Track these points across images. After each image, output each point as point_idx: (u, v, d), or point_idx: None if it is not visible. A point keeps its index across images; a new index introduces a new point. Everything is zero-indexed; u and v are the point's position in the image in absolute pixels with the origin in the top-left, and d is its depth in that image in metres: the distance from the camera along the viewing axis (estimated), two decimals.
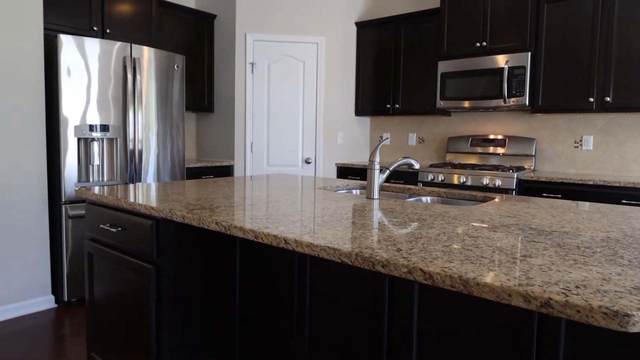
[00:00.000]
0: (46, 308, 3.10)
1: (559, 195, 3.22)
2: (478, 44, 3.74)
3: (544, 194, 3.29)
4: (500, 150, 3.96)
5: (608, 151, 3.56)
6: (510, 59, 3.57)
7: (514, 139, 3.92)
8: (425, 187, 2.32)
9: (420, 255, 1.00)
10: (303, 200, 1.83)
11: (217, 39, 4.54)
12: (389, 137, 2.08)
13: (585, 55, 3.33)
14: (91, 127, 3.17)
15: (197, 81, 4.44)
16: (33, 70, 2.98)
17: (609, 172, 3.57)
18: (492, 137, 4.03)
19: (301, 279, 1.63)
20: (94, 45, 3.15)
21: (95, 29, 3.49)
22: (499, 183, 3.42)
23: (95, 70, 3.17)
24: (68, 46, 3.04)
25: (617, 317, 0.70)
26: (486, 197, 2.06)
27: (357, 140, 4.84)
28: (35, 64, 2.99)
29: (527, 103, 3.51)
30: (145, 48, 3.43)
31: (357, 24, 4.62)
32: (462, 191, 2.19)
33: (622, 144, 3.50)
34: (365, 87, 4.63)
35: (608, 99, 3.24)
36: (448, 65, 3.89)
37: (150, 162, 3.53)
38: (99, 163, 3.24)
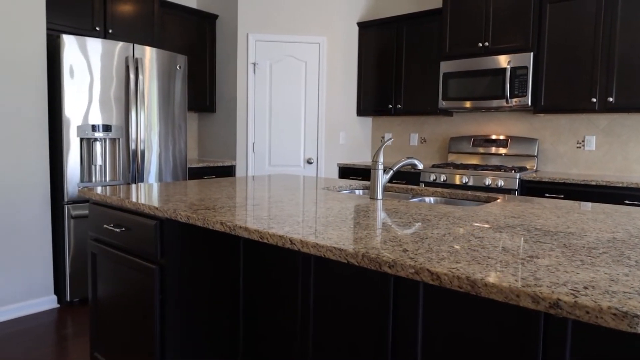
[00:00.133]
0: (48, 308, 3.11)
1: (562, 195, 3.22)
2: (480, 44, 3.74)
3: (547, 195, 3.28)
4: (503, 151, 3.96)
5: (611, 151, 3.56)
6: (513, 59, 3.56)
7: (516, 140, 3.91)
8: (428, 188, 2.32)
9: (427, 256, 1.00)
10: (307, 200, 1.83)
11: (219, 39, 4.54)
12: (392, 138, 2.08)
13: (588, 55, 3.32)
14: (94, 127, 3.17)
15: (199, 81, 4.44)
16: (36, 71, 2.98)
17: (612, 172, 3.56)
18: (494, 137, 4.03)
19: (305, 279, 1.63)
20: (96, 45, 3.15)
21: (97, 29, 3.50)
22: (502, 183, 3.42)
23: (97, 71, 3.17)
24: (70, 46, 3.04)
25: (627, 317, 0.70)
26: (489, 198, 2.06)
27: (359, 140, 4.84)
28: (38, 64, 2.99)
29: (529, 103, 3.51)
30: (148, 48, 3.43)
31: (359, 24, 4.62)
32: (466, 192, 2.19)
33: (625, 144, 3.50)
34: (367, 87, 4.63)
35: (611, 99, 3.24)
36: (450, 66, 3.89)
37: (152, 162, 3.53)
38: (101, 163, 3.24)
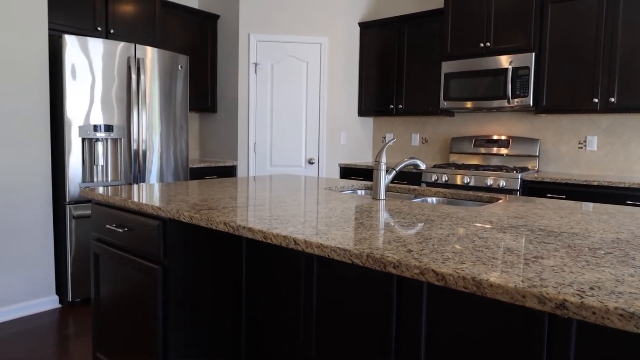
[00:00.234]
0: (50, 308, 3.11)
1: (564, 196, 3.22)
2: (482, 44, 3.74)
3: (548, 195, 3.28)
4: (504, 151, 3.96)
5: (612, 152, 3.56)
6: (514, 60, 3.56)
7: (518, 140, 3.91)
8: (430, 188, 2.32)
9: (432, 257, 1.00)
10: (309, 201, 1.83)
11: (221, 39, 4.54)
12: (395, 139, 2.08)
13: (590, 55, 3.32)
14: (95, 128, 3.17)
15: (200, 81, 4.44)
16: (38, 71, 2.98)
17: (613, 172, 3.56)
18: (496, 137, 4.03)
19: (308, 279, 1.63)
20: (98, 45, 3.15)
21: (99, 29, 3.50)
22: (503, 184, 3.42)
23: (99, 71, 3.17)
24: (72, 46, 3.04)
25: (634, 318, 0.70)
26: (492, 198, 2.06)
27: (360, 140, 4.84)
28: (39, 64, 2.99)
29: (531, 104, 3.51)
30: (149, 48, 3.43)
31: (360, 24, 4.62)
32: (468, 192, 2.19)
33: (627, 144, 3.49)
34: (369, 87, 4.63)
35: (613, 99, 3.23)
36: (452, 66, 3.89)
37: (153, 163, 3.53)
38: (103, 163, 3.24)
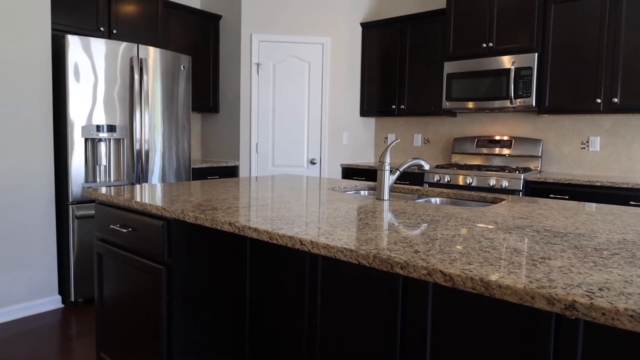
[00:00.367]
0: (53, 308, 3.11)
1: (566, 196, 3.21)
2: (484, 44, 3.74)
3: (551, 195, 3.28)
4: (506, 151, 3.95)
5: (615, 152, 3.55)
6: (517, 60, 3.56)
7: (520, 140, 3.91)
8: (433, 188, 2.32)
9: (439, 257, 1.00)
10: (313, 201, 1.83)
11: (223, 39, 4.55)
12: (398, 139, 2.07)
13: (593, 56, 3.32)
14: (98, 128, 3.17)
15: (202, 81, 4.44)
16: (41, 71, 2.98)
17: (616, 173, 3.56)
18: (498, 138, 4.02)
19: (312, 279, 1.63)
20: (101, 45, 3.15)
21: (101, 29, 3.50)
22: (506, 184, 3.41)
23: (101, 71, 3.17)
24: (75, 46, 3.04)
25: None
26: (496, 199, 2.06)
27: (362, 141, 4.84)
28: (42, 64, 2.99)
29: (533, 104, 3.50)
30: (152, 48, 3.43)
31: (363, 24, 4.62)
32: (471, 192, 2.19)
33: (630, 145, 3.49)
34: (371, 87, 4.63)
35: (615, 100, 3.23)
36: (454, 66, 3.89)
37: (156, 163, 3.53)
38: (105, 163, 3.24)
